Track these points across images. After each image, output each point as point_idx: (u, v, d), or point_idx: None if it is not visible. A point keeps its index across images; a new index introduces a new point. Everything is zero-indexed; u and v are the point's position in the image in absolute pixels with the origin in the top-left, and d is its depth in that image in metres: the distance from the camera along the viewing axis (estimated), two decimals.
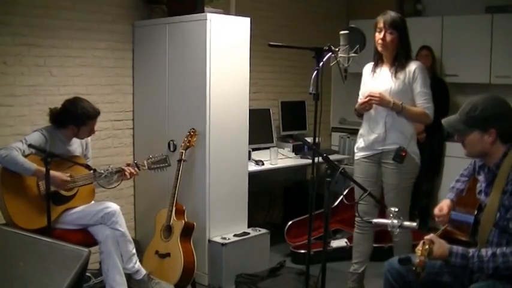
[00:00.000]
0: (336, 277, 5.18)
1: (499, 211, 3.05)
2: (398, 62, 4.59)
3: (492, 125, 3.10)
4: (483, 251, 2.99)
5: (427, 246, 2.97)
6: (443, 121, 3.30)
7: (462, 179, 3.55)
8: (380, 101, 4.52)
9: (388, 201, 4.57)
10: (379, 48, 4.60)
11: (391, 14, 4.57)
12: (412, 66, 4.59)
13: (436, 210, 3.50)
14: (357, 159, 4.85)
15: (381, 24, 4.54)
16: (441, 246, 3.04)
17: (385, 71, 4.66)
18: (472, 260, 2.98)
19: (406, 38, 4.62)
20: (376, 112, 4.65)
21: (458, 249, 3.03)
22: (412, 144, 4.64)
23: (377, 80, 4.64)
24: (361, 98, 4.79)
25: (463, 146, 3.27)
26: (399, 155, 4.56)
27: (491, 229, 3.09)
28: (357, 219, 4.90)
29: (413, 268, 2.89)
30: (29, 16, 4.96)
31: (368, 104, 4.60)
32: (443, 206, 3.47)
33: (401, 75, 4.57)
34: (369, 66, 4.80)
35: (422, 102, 4.58)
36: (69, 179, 4.38)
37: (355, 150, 4.89)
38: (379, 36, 4.54)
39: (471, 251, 3.01)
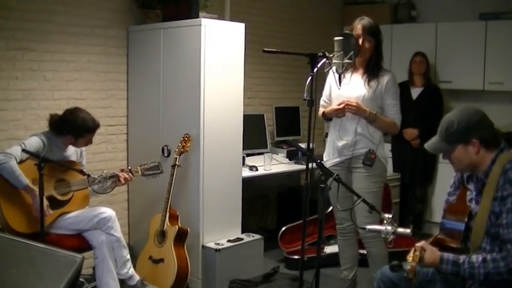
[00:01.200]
0: (329, 283, 5.18)
1: (490, 218, 3.06)
2: (372, 70, 4.63)
3: (472, 135, 3.12)
4: (474, 258, 2.99)
5: (418, 253, 2.97)
6: (426, 146, 3.31)
7: (451, 198, 3.51)
8: (357, 110, 4.53)
9: (358, 207, 4.40)
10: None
11: (369, 21, 4.61)
12: (386, 77, 4.64)
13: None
14: (328, 167, 4.82)
15: (359, 31, 4.56)
16: (432, 254, 3.05)
17: (357, 77, 4.68)
18: (463, 267, 2.98)
19: (380, 46, 4.67)
20: (346, 119, 4.66)
21: (449, 256, 3.03)
22: (380, 148, 4.67)
23: (349, 86, 4.61)
24: (325, 100, 4.85)
25: (451, 163, 3.28)
26: (369, 158, 4.59)
27: (483, 236, 3.09)
28: (338, 226, 4.94)
29: (405, 275, 2.89)
30: (23, 20, 4.95)
31: (342, 111, 4.61)
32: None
33: (373, 84, 4.61)
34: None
35: (392, 113, 4.66)
36: (50, 211, 4.34)
37: (324, 159, 4.89)
38: None
39: (462, 257, 3.01)
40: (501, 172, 3.06)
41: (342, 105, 4.55)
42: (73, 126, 4.47)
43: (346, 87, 4.63)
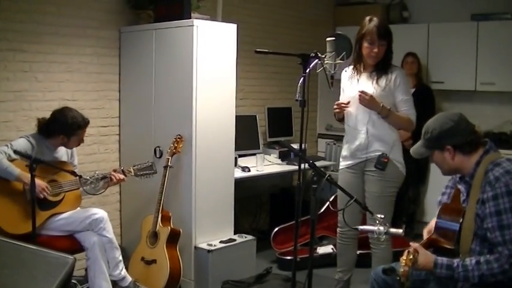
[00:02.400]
0: (322, 283, 5.18)
1: (476, 221, 3.08)
2: (380, 68, 4.59)
3: (445, 142, 3.22)
4: (467, 260, 3.01)
5: (411, 256, 2.98)
6: (412, 152, 3.44)
7: (448, 191, 3.53)
8: (370, 101, 4.47)
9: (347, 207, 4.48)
10: (371, 61, 4.57)
11: (381, 23, 4.55)
12: (394, 72, 4.59)
13: (425, 233, 3.48)
14: (341, 169, 4.83)
15: (374, 36, 4.49)
16: (426, 257, 3.06)
17: (365, 76, 4.64)
18: (457, 270, 3.00)
19: (391, 44, 4.63)
20: (357, 120, 4.64)
21: (443, 260, 3.05)
22: (394, 152, 4.61)
23: (358, 86, 4.57)
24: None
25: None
26: (381, 162, 4.53)
27: (472, 238, 3.11)
28: (339, 229, 4.91)
29: (398, 278, 2.90)
30: (14, 21, 4.93)
31: (342, 109, 4.63)
32: (431, 229, 3.46)
33: (382, 81, 4.56)
34: (348, 71, 4.78)
35: (405, 109, 4.59)
36: (48, 186, 4.35)
37: (340, 159, 4.88)
38: (371, 48, 4.50)
39: (456, 261, 3.03)
40: (484, 174, 3.09)
41: (358, 95, 4.48)
42: (64, 125, 4.47)
43: (354, 88, 4.59)
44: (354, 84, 4.64)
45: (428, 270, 3.09)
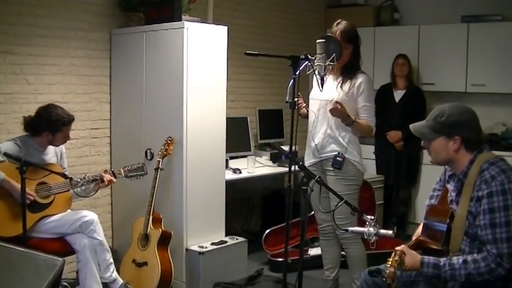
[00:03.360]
0: (313, 285, 5.20)
1: (467, 219, 3.09)
2: (346, 73, 4.65)
3: (457, 132, 3.15)
4: (454, 259, 3.02)
5: (397, 257, 2.99)
6: (411, 126, 3.35)
7: (435, 194, 3.54)
8: (341, 115, 4.49)
9: (332, 208, 4.46)
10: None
11: (346, 27, 4.61)
12: (359, 78, 4.64)
13: (414, 237, 3.49)
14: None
15: (337, 38, 4.53)
16: (413, 257, 3.07)
17: (331, 79, 4.69)
18: (444, 269, 3.01)
19: (358, 50, 4.69)
20: (316, 120, 4.73)
21: (429, 259, 3.06)
22: (349, 151, 4.67)
23: (323, 89, 4.56)
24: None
25: (428, 153, 3.33)
26: (337, 161, 4.62)
27: (462, 238, 3.12)
28: (318, 227, 4.97)
29: (384, 279, 2.91)
30: (5, 24, 4.92)
31: (302, 109, 4.75)
32: (420, 231, 3.47)
33: (346, 86, 4.63)
34: None
35: (365, 116, 4.65)
36: (33, 194, 4.35)
37: (304, 158, 4.93)
38: None
39: (442, 260, 3.03)
40: (478, 172, 3.09)
41: (330, 106, 4.48)
42: (48, 121, 4.46)
43: (318, 91, 4.58)
44: (317, 86, 4.63)
45: (416, 270, 3.09)
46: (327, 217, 4.71)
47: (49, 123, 4.47)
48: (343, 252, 4.96)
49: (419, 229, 3.46)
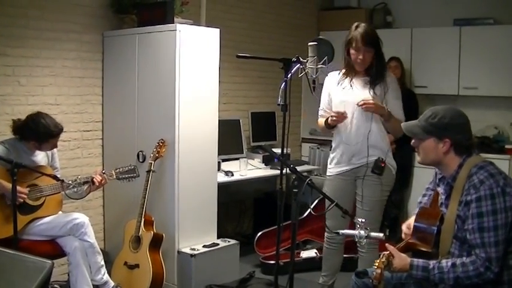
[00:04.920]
0: (305, 287, 5.20)
1: (456, 223, 3.10)
2: (376, 75, 4.58)
3: (448, 134, 3.16)
4: (443, 262, 3.03)
5: (384, 259, 3.00)
6: (403, 125, 3.38)
7: (428, 193, 3.57)
8: (375, 107, 4.45)
9: (363, 214, 4.43)
10: (358, 67, 4.56)
11: (367, 30, 4.52)
12: (387, 79, 4.61)
13: (404, 227, 3.50)
14: (331, 175, 4.78)
15: (359, 44, 4.46)
16: (402, 260, 3.08)
17: (360, 82, 4.62)
18: (433, 272, 3.02)
19: (381, 51, 4.62)
20: (351, 125, 4.61)
21: (418, 261, 3.07)
22: (389, 156, 4.65)
23: (352, 91, 4.55)
24: (324, 110, 4.78)
25: (417, 153, 3.34)
26: (378, 166, 4.54)
27: (451, 241, 3.13)
28: (326, 234, 4.90)
29: (371, 281, 2.92)
30: None
31: (341, 118, 4.55)
32: (411, 222, 3.48)
33: (378, 89, 4.56)
34: (334, 75, 4.75)
35: (397, 114, 4.59)
36: (26, 191, 4.34)
37: (330, 165, 4.82)
38: (357, 55, 4.49)
39: (432, 263, 3.04)
40: (467, 176, 3.10)
41: (361, 103, 4.45)
42: (35, 132, 4.44)
43: (349, 92, 4.58)
44: (347, 90, 4.60)
45: (405, 273, 3.10)
46: (339, 226, 4.41)
47: (35, 134, 4.45)
48: (344, 255, 4.97)
49: (410, 220, 3.47)
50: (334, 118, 4.57)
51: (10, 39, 5.01)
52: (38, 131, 4.44)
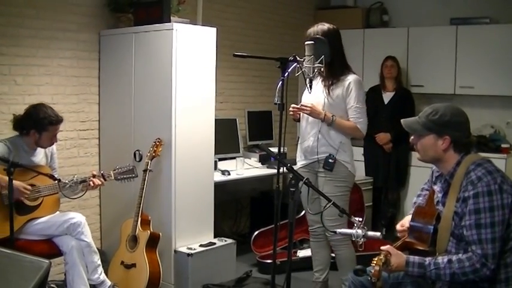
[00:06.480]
0: (302, 286, 5.21)
1: (454, 219, 3.10)
2: (333, 76, 4.65)
3: (448, 131, 3.16)
4: (439, 259, 3.03)
5: (382, 257, 3.00)
6: (402, 121, 3.36)
7: (423, 193, 3.58)
8: (311, 111, 4.59)
9: (321, 209, 4.48)
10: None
11: (320, 26, 4.67)
12: (348, 80, 4.64)
13: (398, 226, 3.52)
14: (297, 168, 4.84)
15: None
16: (398, 257, 3.08)
17: (319, 83, 4.71)
18: (429, 268, 3.02)
19: (339, 50, 4.66)
20: (307, 123, 4.75)
21: (414, 258, 3.07)
22: (341, 153, 4.67)
23: (311, 93, 4.54)
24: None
25: (416, 150, 3.33)
26: (328, 162, 4.63)
27: (448, 239, 3.13)
28: (310, 228, 4.99)
29: (369, 278, 2.92)
30: None
31: (297, 113, 4.73)
32: (405, 222, 3.49)
33: (336, 89, 4.64)
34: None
35: (354, 117, 4.66)
36: (29, 187, 4.33)
37: (296, 160, 4.96)
38: None
39: (428, 259, 3.05)
40: (465, 173, 3.10)
41: (298, 107, 4.65)
42: (35, 120, 4.44)
43: (308, 95, 4.64)
44: (308, 92, 4.61)
45: (402, 270, 3.10)
46: (317, 219, 4.69)
47: (36, 121, 4.45)
48: (333, 254, 4.97)
49: (406, 219, 3.47)
50: (290, 113, 4.74)
51: (6, 38, 5.00)
52: (38, 117, 4.44)
